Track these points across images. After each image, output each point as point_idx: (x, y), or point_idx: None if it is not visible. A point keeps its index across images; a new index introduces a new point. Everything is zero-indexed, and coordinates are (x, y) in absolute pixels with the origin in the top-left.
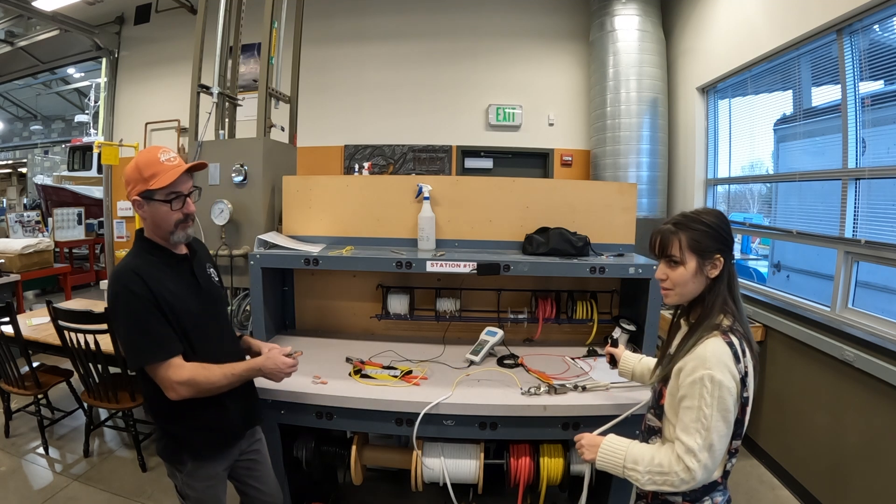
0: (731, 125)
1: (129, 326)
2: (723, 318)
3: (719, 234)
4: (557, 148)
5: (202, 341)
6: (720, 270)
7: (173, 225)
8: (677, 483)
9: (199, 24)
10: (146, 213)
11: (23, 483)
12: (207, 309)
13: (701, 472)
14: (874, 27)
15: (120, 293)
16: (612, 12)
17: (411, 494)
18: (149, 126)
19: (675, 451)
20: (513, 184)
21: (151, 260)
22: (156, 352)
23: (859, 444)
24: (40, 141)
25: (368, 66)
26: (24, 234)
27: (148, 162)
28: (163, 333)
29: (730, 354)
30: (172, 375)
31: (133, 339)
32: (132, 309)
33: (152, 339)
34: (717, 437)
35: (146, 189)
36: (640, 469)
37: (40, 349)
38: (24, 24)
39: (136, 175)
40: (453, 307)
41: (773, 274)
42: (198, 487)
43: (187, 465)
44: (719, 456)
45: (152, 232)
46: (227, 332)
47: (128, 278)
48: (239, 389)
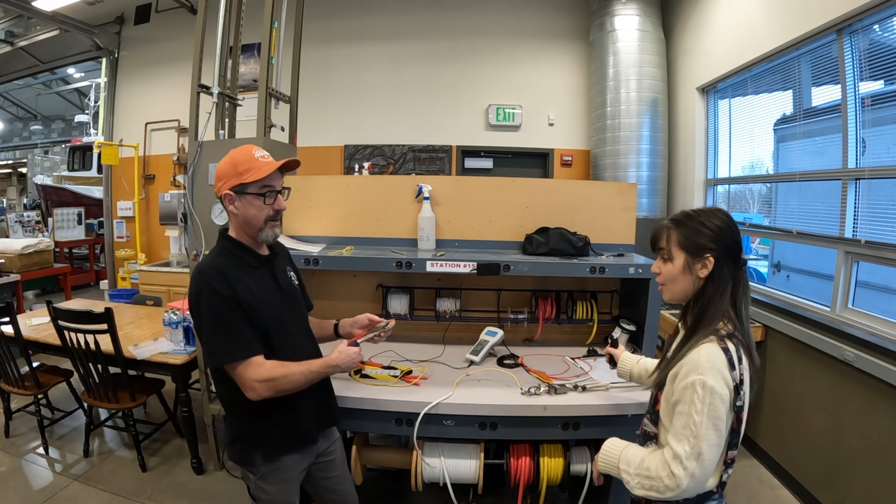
0: (731, 125)
1: (212, 325)
2: (723, 325)
3: (715, 234)
4: (557, 148)
5: (282, 343)
6: (711, 272)
7: (263, 221)
8: (662, 489)
9: (199, 24)
10: (237, 208)
11: (23, 483)
12: (286, 311)
13: (687, 480)
14: (874, 27)
15: (203, 292)
16: (612, 12)
17: (411, 494)
18: (149, 126)
19: (663, 456)
20: (513, 184)
21: (235, 260)
22: (237, 351)
23: (859, 444)
24: (40, 141)
25: (368, 66)
26: (24, 234)
27: (243, 158)
28: (244, 333)
29: (724, 361)
30: (253, 374)
31: (215, 337)
32: (215, 308)
33: (234, 338)
34: (706, 445)
35: (240, 183)
36: (631, 471)
37: (40, 349)
38: (24, 24)
39: (231, 170)
40: (453, 307)
41: (773, 274)
42: (270, 490)
43: (260, 467)
44: (709, 465)
45: (240, 230)
46: (306, 333)
47: (212, 277)
48: (313, 389)
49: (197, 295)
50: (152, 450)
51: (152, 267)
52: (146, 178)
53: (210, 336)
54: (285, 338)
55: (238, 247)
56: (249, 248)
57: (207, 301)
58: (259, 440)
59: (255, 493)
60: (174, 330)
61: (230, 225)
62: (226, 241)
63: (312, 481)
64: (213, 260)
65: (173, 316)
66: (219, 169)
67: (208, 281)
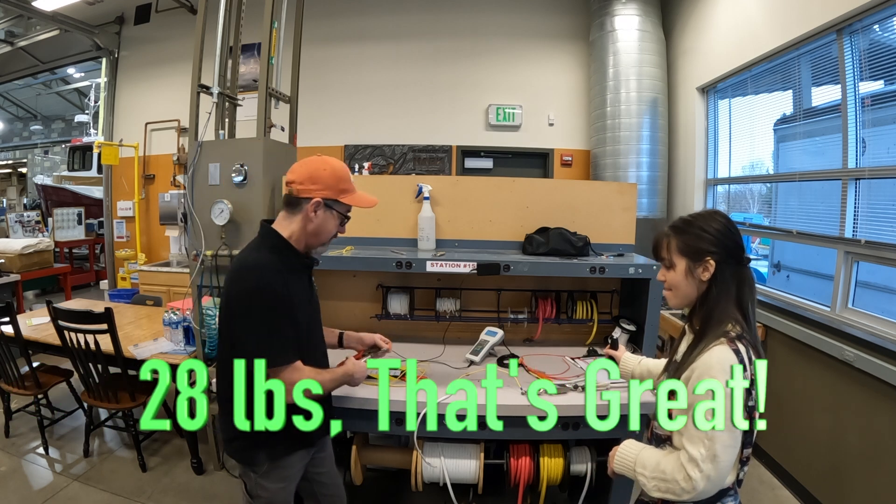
0: (731, 125)
1: (265, 324)
2: (732, 326)
3: (714, 237)
4: (557, 148)
5: (307, 349)
6: (713, 274)
7: (328, 239)
8: (678, 492)
9: (199, 24)
10: (318, 217)
11: (23, 483)
12: (314, 318)
13: (703, 482)
14: (874, 27)
15: (262, 289)
16: (612, 12)
17: (411, 494)
18: (149, 126)
19: (679, 459)
20: (513, 184)
21: (284, 259)
22: (286, 353)
23: (859, 444)
24: (40, 141)
25: (368, 66)
26: (24, 234)
27: (345, 175)
28: (291, 336)
29: (737, 362)
30: (295, 378)
31: (267, 337)
32: (273, 307)
33: (285, 340)
34: (720, 447)
35: (335, 198)
36: (647, 474)
37: (40, 349)
38: (24, 24)
39: (332, 181)
40: (453, 307)
41: (773, 274)
42: (271, 488)
43: (263, 465)
44: (724, 466)
45: (300, 234)
46: (322, 341)
47: (272, 275)
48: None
49: (253, 291)
50: (152, 450)
51: (152, 267)
52: (146, 178)
53: (261, 336)
54: (310, 344)
55: (288, 247)
56: (299, 252)
57: (265, 299)
58: (262, 439)
59: (253, 491)
60: (174, 330)
61: (284, 224)
62: (276, 238)
63: (307, 476)
64: (266, 257)
65: (173, 316)
66: (315, 172)
67: (269, 279)
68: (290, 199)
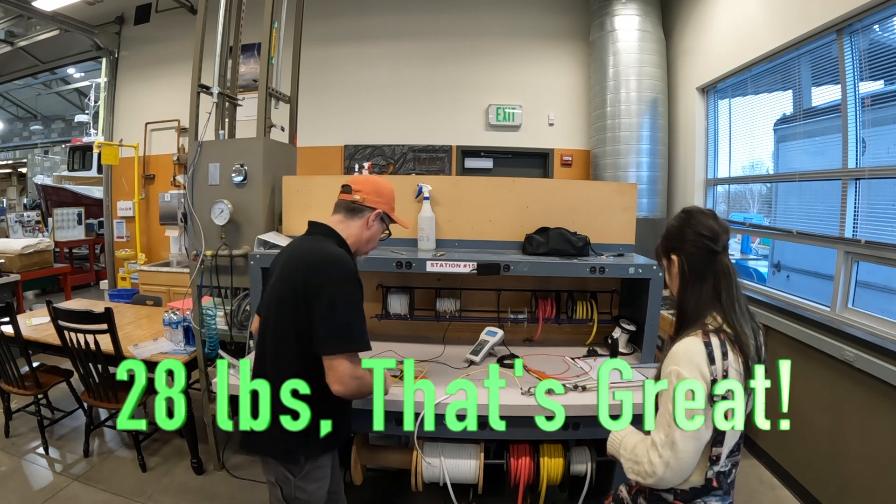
0: (731, 125)
1: (353, 311)
2: (712, 319)
3: (673, 233)
4: (557, 148)
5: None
6: (681, 268)
7: (373, 248)
8: (643, 475)
9: (199, 24)
10: (374, 226)
11: (23, 483)
12: None
13: (661, 468)
14: (874, 27)
15: (351, 278)
16: (612, 12)
17: (411, 494)
18: (149, 126)
19: (646, 443)
20: (513, 184)
21: None
22: (362, 343)
23: (859, 444)
24: (40, 141)
25: (368, 66)
26: (24, 234)
27: (393, 196)
28: (366, 327)
29: (703, 354)
30: (356, 369)
31: (353, 324)
32: (357, 297)
33: (364, 330)
34: (679, 435)
35: (388, 213)
36: (626, 455)
37: (40, 349)
38: (24, 24)
39: (390, 198)
40: (453, 307)
41: (773, 274)
42: (309, 490)
43: (304, 467)
44: (684, 456)
45: (355, 239)
46: None
47: (355, 268)
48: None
49: (342, 278)
50: (152, 450)
51: (152, 267)
52: (146, 178)
53: (350, 322)
54: None
55: (348, 248)
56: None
57: (352, 288)
58: (305, 439)
59: (290, 495)
60: (174, 330)
61: (342, 227)
62: (339, 238)
63: None
64: (346, 254)
65: (173, 316)
66: (379, 187)
67: (354, 270)
68: (354, 206)
